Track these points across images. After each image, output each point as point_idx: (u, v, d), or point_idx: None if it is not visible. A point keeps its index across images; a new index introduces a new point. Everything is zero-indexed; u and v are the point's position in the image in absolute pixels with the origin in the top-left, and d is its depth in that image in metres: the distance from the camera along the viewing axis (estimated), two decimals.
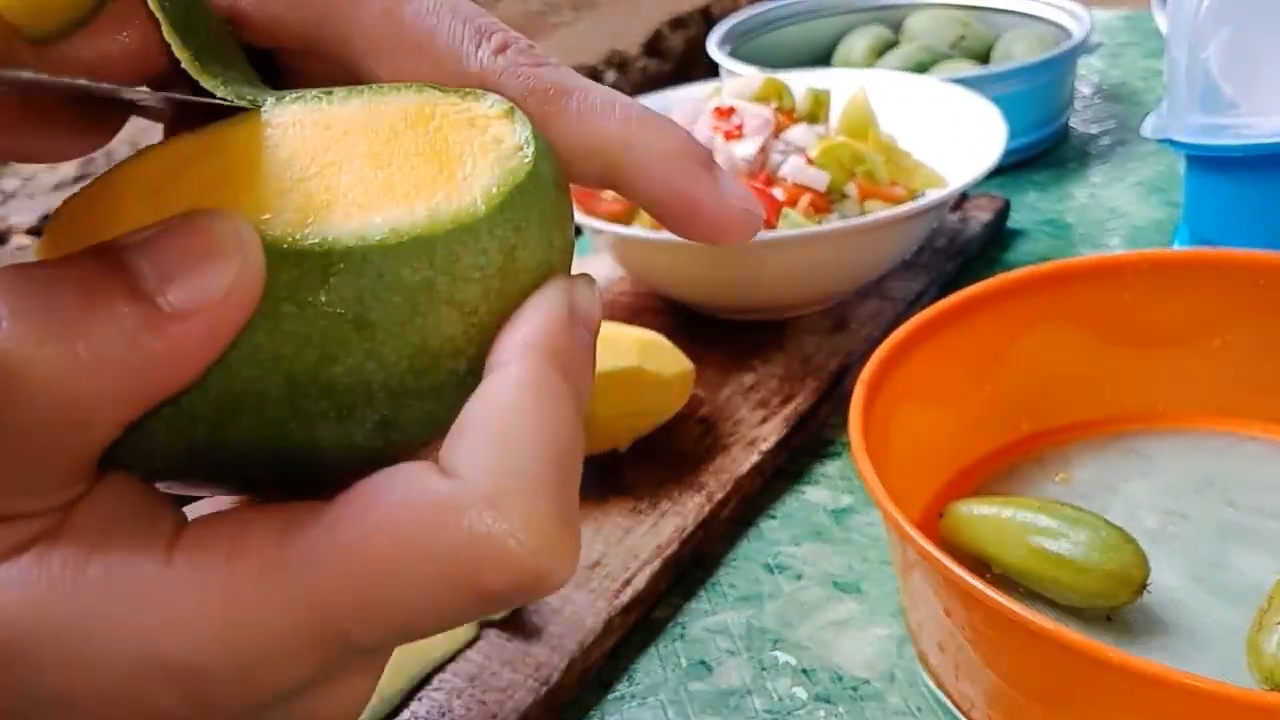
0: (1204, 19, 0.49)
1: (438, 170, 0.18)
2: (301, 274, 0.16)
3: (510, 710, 0.34)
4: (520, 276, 0.18)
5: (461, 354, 0.18)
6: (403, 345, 0.17)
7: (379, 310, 0.17)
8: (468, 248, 0.17)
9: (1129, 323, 0.43)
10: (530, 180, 0.18)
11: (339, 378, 0.17)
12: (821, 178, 0.52)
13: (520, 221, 0.18)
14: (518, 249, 0.18)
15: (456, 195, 0.17)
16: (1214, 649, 0.34)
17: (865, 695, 0.35)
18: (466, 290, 0.17)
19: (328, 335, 0.16)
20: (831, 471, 0.46)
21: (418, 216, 0.17)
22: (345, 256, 0.16)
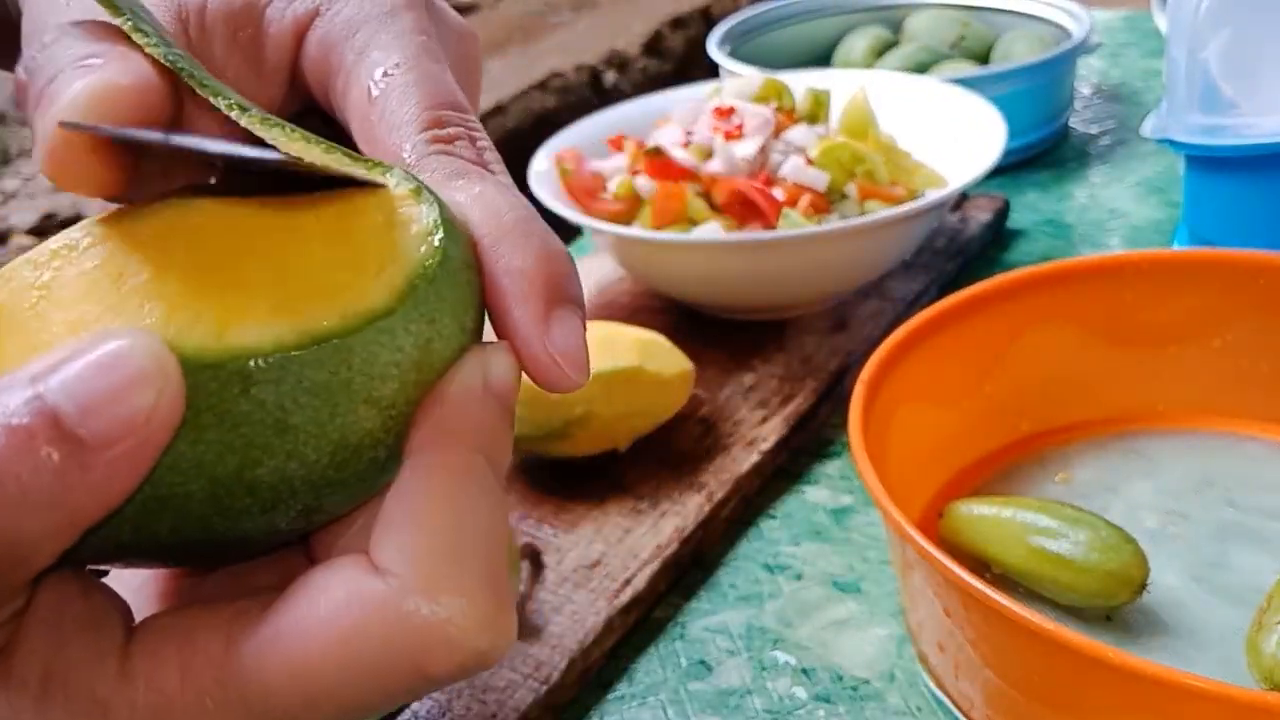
0: (1204, 19, 0.49)
1: (350, 264, 0.18)
2: (221, 385, 0.17)
3: (510, 710, 0.34)
4: (435, 364, 0.18)
5: (381, 444, 0.18)
6: (323, 443, 0.17)
7: (299, 414, 0.17)
8: (383, 346, 0.17)
9: (1129, 323, 0.43)
10: (440, 269, 0.18)
11: (261, 478, 0.17)
12: (821, 178, 0.52)
13: (433, 313, 0.18)
14: (432, 340, 0.18)
15: (369, 293, 0.18)
16: (1214, 649, 0.34)
17: (865, 695, 0.35)
18: (383, 387, 0.18)
19: (249, 441, 0.17)
20: (831, 471, 0.46)
21: (332, 319, 0.17)
22: (263, 367, 0.17)
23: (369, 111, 0.21)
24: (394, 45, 0.22)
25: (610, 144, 0.58)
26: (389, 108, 0.21)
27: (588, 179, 0.56)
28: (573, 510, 0.43)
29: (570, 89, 1.90)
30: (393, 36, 0.22)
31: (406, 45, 0.22)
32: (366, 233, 0.19)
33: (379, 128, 0.21)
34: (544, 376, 0.20)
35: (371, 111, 0.21)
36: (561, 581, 0.39)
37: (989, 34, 0.80)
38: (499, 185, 0.21)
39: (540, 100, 1.84)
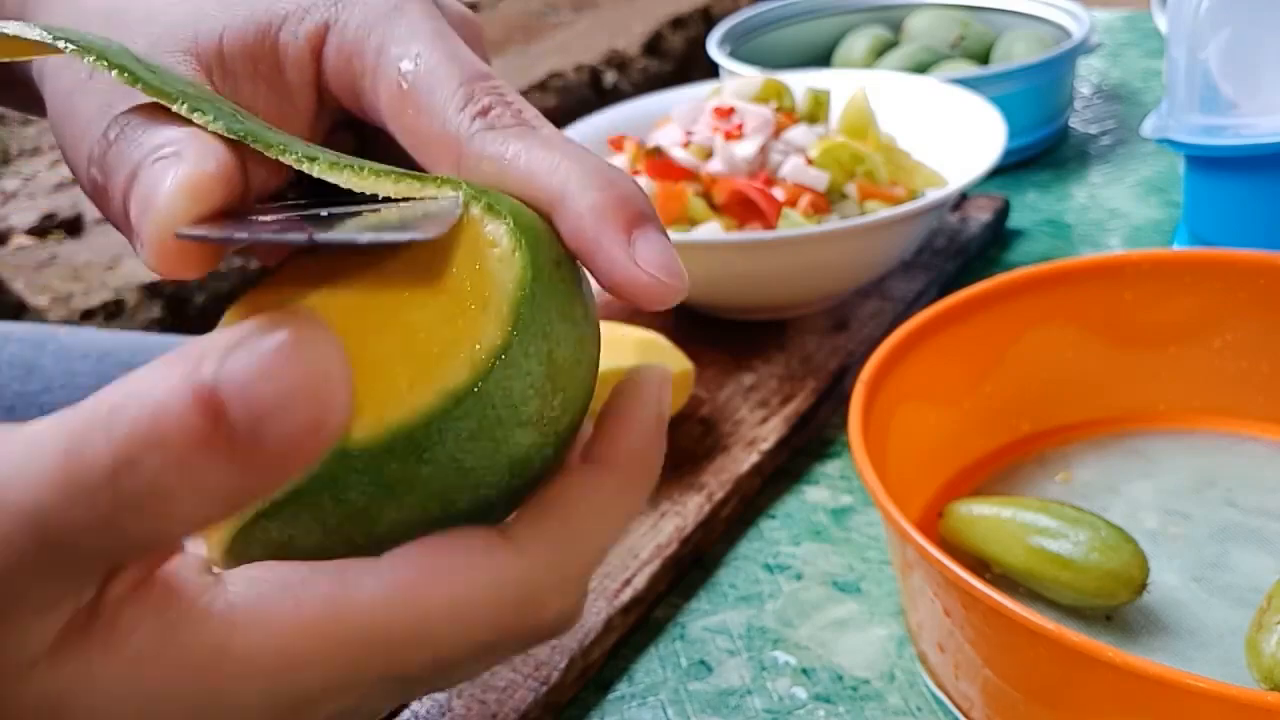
0: (1204, 19, 0.49)
1: (456, 311, 0.19)
2: (400, 462, 0.19)
3: (510, 709, 0.34)
4: (564, 365, 0.20)
5: (547, 445, 0.20)
6: (499, 468, 0.20)
7: (470, 458, 0.19)
8: (513, 377, 0.19)
9: (1129, 323, 0.43)
10: (535, 285, 0.20)
11: (462, 508, 0.20)
12: (821, 178, 0.52)
13: (544, 327, 0.20)
14: (553, 350, 0.20)
15: (485, 332, 0.19)
16: (1214, 649, 0.34)
17: (865, 695, 0.35)
18: (527, 407, 0.20)
19: (443, 490, 0.19)
20: (831, 471, 0.46)
21: (462, 373, 0.19)
22: (425, 435, 0.19)
23: (404, 105, 0.22)
24: (410, 36, 0.23)
25: (610, 144, 0.58)
26: (421, 96, 0.22)
27: None
28: None
29: (570, 89, 1.90)
30: (406, 29, 0.23)
31: (421, 33, 0.23)
32: (460, 272, 0.20)
33: (418, 119, 0.22)
34: (645, 294, 0.21)
35: (406, 104, 0.22)
36: None
37: (989, 34, 0.80)
38: (544, 139, 0.21)
39: (540, 100, 1.84)
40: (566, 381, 0.20)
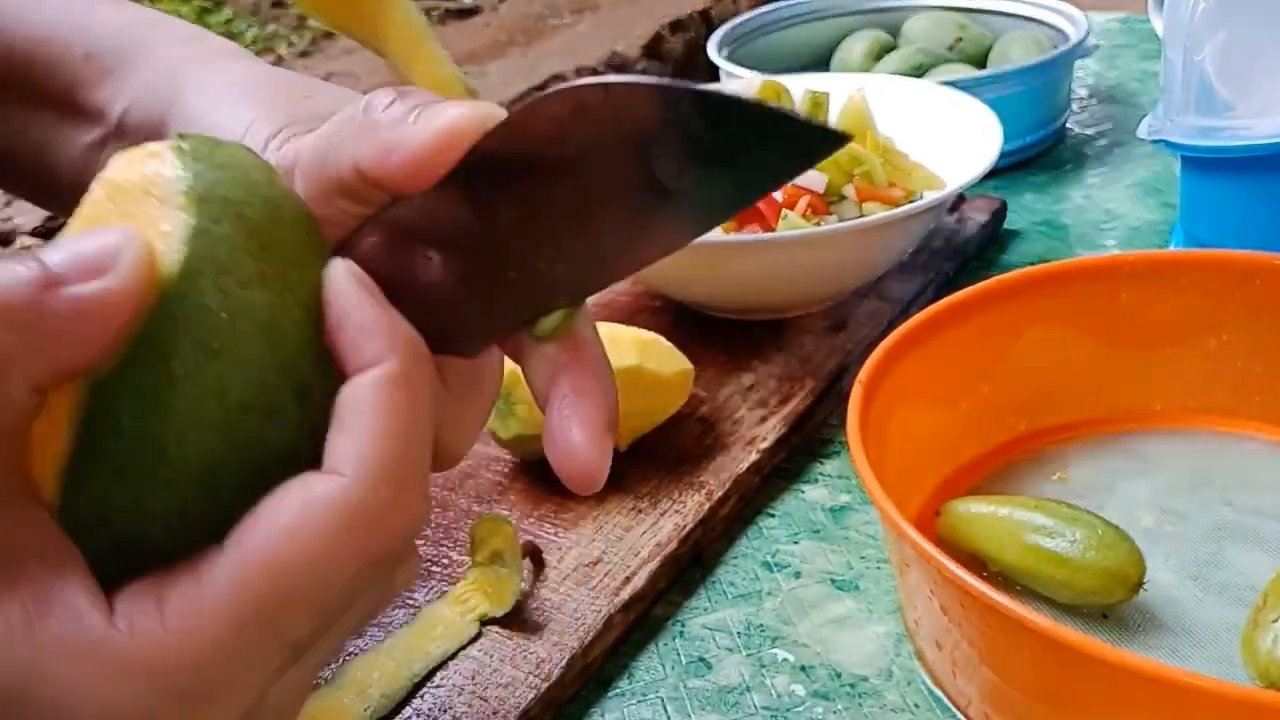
0: (1200, 22, 0.49)
1: (140, 219, 0.20)
2: (154, 366, 0.19)
3: (511, 707, 0.34)
4: (259, 223, 0.21)
5: (290, 305, 0.21)
6: (248, 337, 0.20)
7: (209, 333, 0.20)
8: (210, 245, 0.20)
9: (1125, 323, 0.43)
10: (190, 170, 0.21)
11: (241, 395, 0.20)
12: (820, 179, 0.52)
13: (221, 196, 0.20)
14: (242, 212, 0.21)
15: (165, 219, 0.20)
16: (1210, 647, 0.35)
17: (863, 692, 0.36)
18: (242, 269, 0.20)
19: (204, 379, 0.19)
20: (830, 470, 0.46)
21: (163, 258, 0.20)
22: (158, 329, 0.19)
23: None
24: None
25: None
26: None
27: None
28: (573, 509, 0.43)
29: None
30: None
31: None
32: (134, 188, 0.21)
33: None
34: (580, 481, 0.23)
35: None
36: (562, 580, 0.39)
37: (986, 37, 0.81)
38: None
39: None
40: (272, 236, 0.21)
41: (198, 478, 0.20)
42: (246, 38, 1.94)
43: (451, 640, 0.37)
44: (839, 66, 0.82)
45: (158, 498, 0.20)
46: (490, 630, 0.37)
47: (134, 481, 0.20)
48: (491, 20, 1.95)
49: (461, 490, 0.45)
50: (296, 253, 0.21)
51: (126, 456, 0.19)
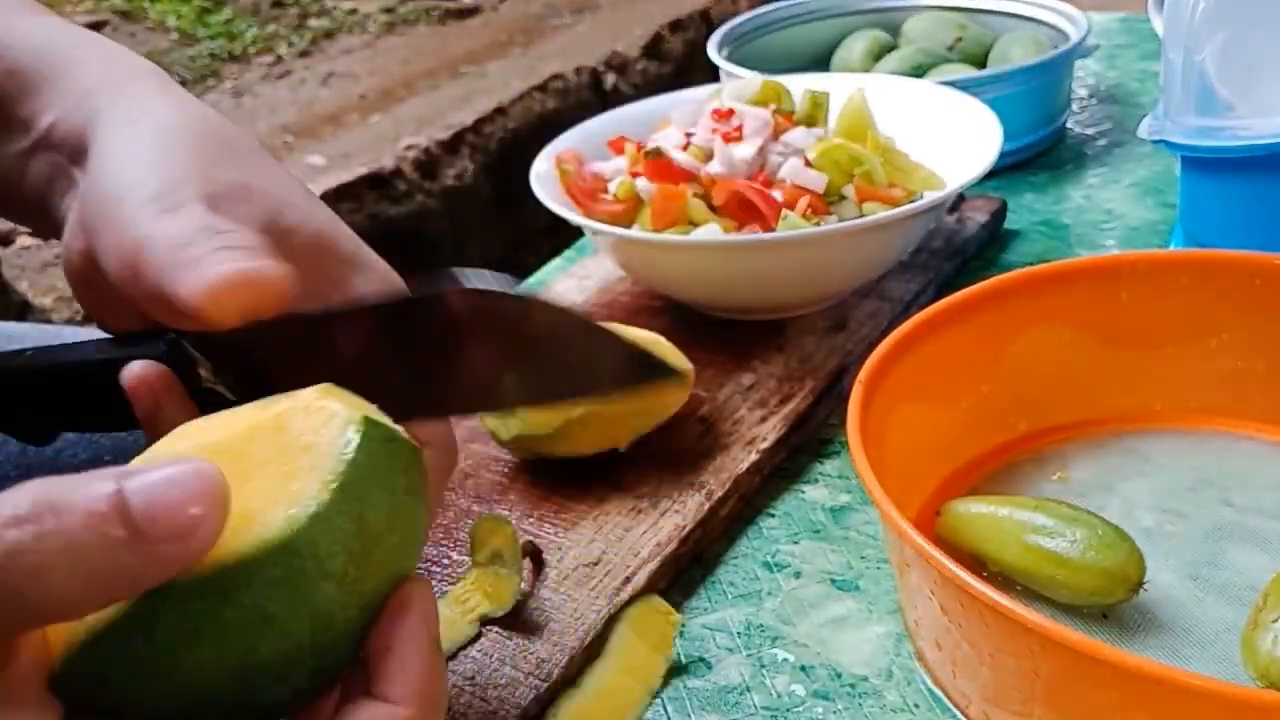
0: (1200, 22, 0.49)
1: (286, 469, 0.23)
2: (206, 602, 0.21)
3: (511, 706, 0.34)
4: (374, 530, 0.23)
5: (351, 604, 0.23)
6: (302, 618, 0.22)
7: (273, 605, 0.21)
8: (322, 533, 0.22)
9: (1125, 323, 0.43)
10: (356, 457, 0.23)
11: (265, 658, 0.22)
12: (820, 180, 0.52)
13: (360, 492, 0.23)
14: (364, 514, 0.23)
15: (304, 490, 0.22)
16: (1210, 647, 0.35)
17: (863, 692, 0.36)
18: (333, 563, 0.22)
19: (245, 634, 0.21)
20: (830, 470, 0.46)
21: (279, 526, 0.22)
22: (233, 578, 0.21)
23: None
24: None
25: (610, 146, 0.59)
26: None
27: (589, 181, 0.57)
28: (574, 509, 0.43)
29: (571, 91, 1.90)
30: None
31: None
32: (298, 441, 0.23)
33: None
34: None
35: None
36: (562, 579, 0.39)
37: (986, 37, 0.81)
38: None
39: (541, 102, 1.84)
40: (375, 545, 0.23)
41: (191, 700, 0.22)
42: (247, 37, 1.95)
43: (452, 640, 0.37)
44: (839, 66, 0.82)
45: (150, 697, 0.22)
46: (490, 630, 0.37)
47: (140, 678, 0.21)
48: (491, 20, 1.95)
49: (462, 490, 0.45)
50: (386, 563, 0.23)
51: (145, 658, 0.21)
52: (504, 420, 0.44)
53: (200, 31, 2.10)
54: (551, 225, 0.57)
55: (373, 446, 0.23)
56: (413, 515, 0.24)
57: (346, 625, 0.23)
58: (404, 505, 0.24)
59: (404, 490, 0.24)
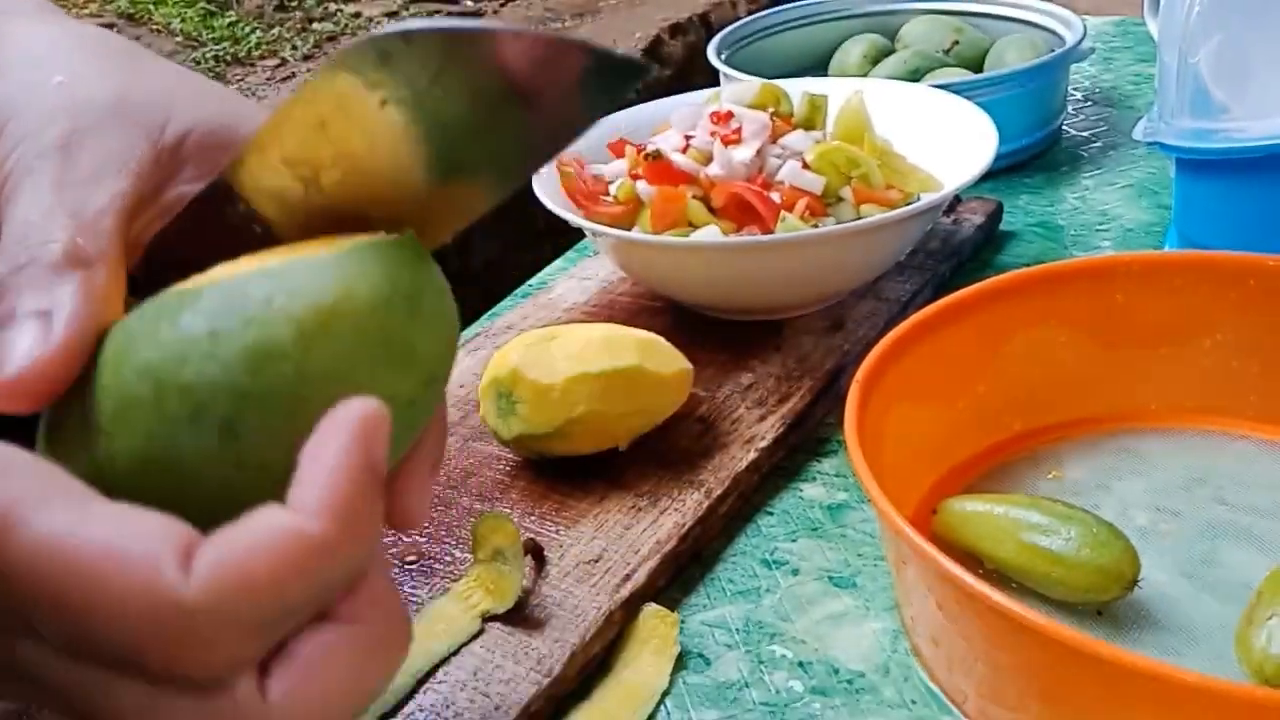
0: (1195, 25, 0.50)
1: (330, 245, 0.23)
2: (178, 301, 0.22)
3: (513, 703, 0.35)
4: (356, 303, 0.22)
5: (288, 358, 0.21)
6: (238, 346, 0.21)
7: (224, 320, 0.21)
8: (306, 275, 0.22)
9: (1121, 323, 0.44)
10: (387, 245, 0.23)
11: (188, 379, 0.21)
12: (818, 182, 0.53)
13: (362, 266, 0.22)
14: (352, 284, 0.22)
15: (323, 250, 0.23)
16: (1204, 644, 0.35)
17: (860, 688, 0.36)
18: (297, 304, 0.22)
19: (184, 346, 0.21)
20: (827, 469, 0.47)
21: (279, 260, 0.22)
22: (211, 286, 0.22)
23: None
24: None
25: (610, 149, 0.59)
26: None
27: (590, 183, 0.57)
28: (574, 507, 0.43)
29: None
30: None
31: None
32: (368, 237, 0.23)
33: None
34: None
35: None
36: (563, 577, 0.40)
37: (983, 40, 0.81)
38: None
39: None
40: (342, 312, 0.22)
41: (124, 468, 0.21)
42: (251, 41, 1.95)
43: (454, 636, 0.37)
44: (837, 70, 0.82)
45: (93, 454, 0.22)
46: (492, 627, 0.38)
47: (82, 439, 0.22)
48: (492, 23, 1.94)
49: (464, 489, 0.46)
50: (337, 353, 0.22)
51: (93, 408, 0.22)
52: (505, 420, 0.44)
53: (205, 35, 2.11)
54: (552, 227, 0.58)
55: (404, 246, 0.23)
56: (403, 325, 0.23)
57: (267, 383, 0.21)
58: (398, 305, 0.23)
59: (406, 291, 0.23)
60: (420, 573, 0.41)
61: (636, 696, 0.36)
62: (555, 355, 0.44)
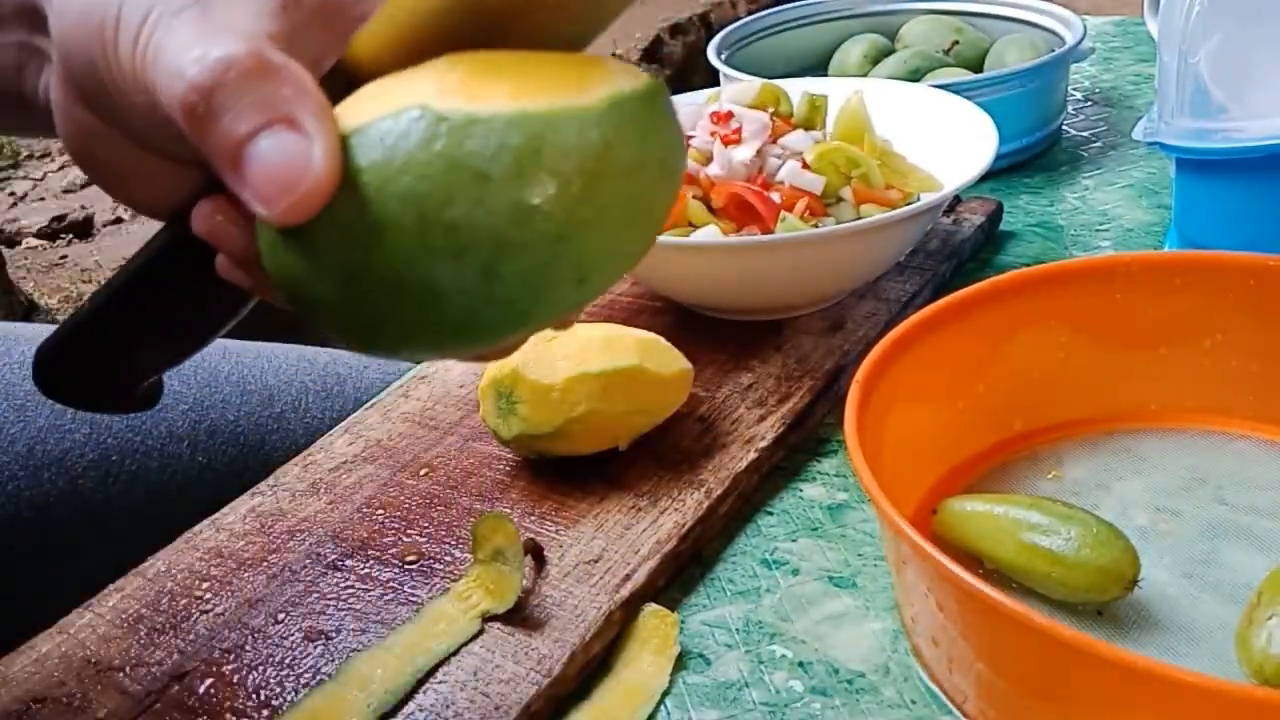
0: (1195, 25, 0.50)
1: (580, 81, 0.23)
2: (449, 134, 0.22)
3: (513, 702, 0.35)
4: (611, 165, 0.22)
5: (552, 218, 0.22)
6: (506, 198, 0.22)
7: (494, 165, 0.21)
8: (571, 131, 0.22)
9: (1120, 323, 0.44)
10: (641, 101, 0.23)
11: (455, 218, 0.22)
12: (818, 182, 0.53)
13: (621, 124, 0.23)
14: (613, 145, 0.22)
15: (580, 96, 0.23)
16: (1204, 644, 0.35)
17: (860, 688, 0.36)
18: (564, 163, 0.22)
19: (453, 182, 0.21)
20: (827, 469, 0.47)
21: (541, 103, 0.22)
22: (480, 124, 0.22)
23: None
24: None
25: None
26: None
27: None
28: (574, 507, 0.43)
29: None
30: None
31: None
32: (601, 69, 0.24)
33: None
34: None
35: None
36: (563, 577, 0.40)
37: (983, 40, 0.81)
38: None
39: None
40: (606, 173, 0.22)
41: (381, 281, 0.22)
42: None
43: (454, 636, 0.37)
44: (837, 70, 0.82)
45: (347, 262, 0.23)
46: (492, 627, 0.38)
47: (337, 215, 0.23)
48: None
49: (463, 488, 0.46)
50: (598, 220, 0.23)
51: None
52: (505, 420, 0.44)
53: None
54: None
55: (656, 109, 0.23)
56: (650, 190, 0.24)
57: (531, 237, 0.22)
58: (640, 166, 0.23)
59: (654, 156, 0.23)
60: (420, 573, 0.41)
61: (636, 696, 0.36)
62: (555, 355, 0.44)
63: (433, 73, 0.23)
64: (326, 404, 0.58)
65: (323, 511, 0.45)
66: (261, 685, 0.37)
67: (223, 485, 0.50)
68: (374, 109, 0.23)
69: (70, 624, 0.40)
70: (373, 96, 0.23)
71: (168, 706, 0.36)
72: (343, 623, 0.39)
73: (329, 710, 0.35)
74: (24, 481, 0.46)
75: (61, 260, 1.41)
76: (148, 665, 0.38)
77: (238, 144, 0.22)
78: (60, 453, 0.46)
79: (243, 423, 0.55)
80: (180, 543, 0.44)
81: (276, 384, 0.58)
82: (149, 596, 0.41)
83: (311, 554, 0.43)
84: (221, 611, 0.40)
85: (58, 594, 0.41)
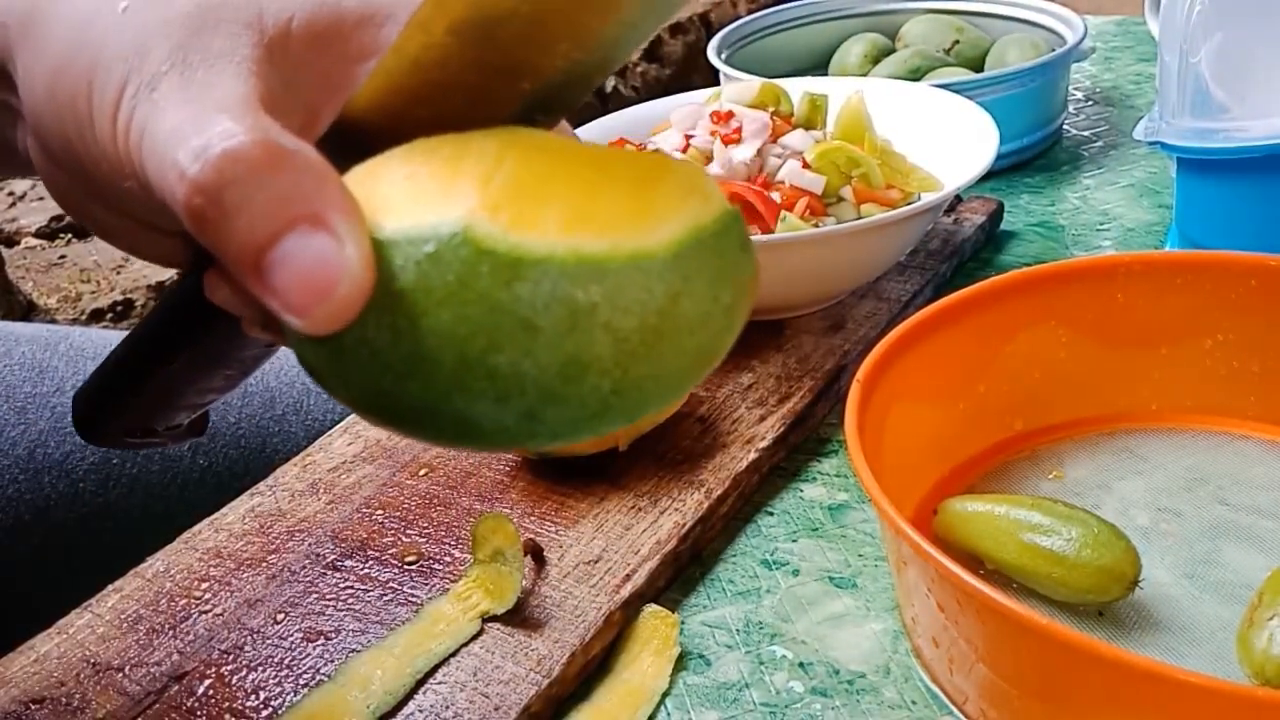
0: (1196, 25, 0.50)
1: (642, 209, 0.20)
2: (491, 272, 0.19)
3: (513, 703, 0.35)
4: (679, 320, 0.20)
5: (608, 374, 0.20)
6: (557, 351, 0.19)
7: (545, 318, 0.19)
8: (634, 283, 0.19)
9: (1121, 323, 0.44)
10: (714, 239, 0.20)
11: (499, 366, 0.19)
12: (818, 181, 0.53)
13: (691, 272, 0.20)
14: (681, 296, 0.20)
15: (642, 234, 0.20)
16: (1205, 644, 0.35)
17: (861, 689, 0.36)
18: (624, 320, 0.19)
19: (498, 327, 0.19)
20: (828, 469, 0.47)
21: (601, 246, 0.19)
22: (530, 266, 0.19)
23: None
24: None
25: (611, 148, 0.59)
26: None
27: None
28: (574, 508, 0.43)
29: None
30: None
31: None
32: (667, 187, 0.20)
33: None
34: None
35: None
36: (563, 577, 0.40)
37: (984, 40, 0.81)
38: None
39: None
40: (669, 330, 0.20)
41: (413, 406, 0.20)
42: None
43: (453, 637, 0.37)
44: (837, 70, 0.82)
45: (379, 382, 0.21)
46: (492, 627, 0.38)
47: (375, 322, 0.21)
48: None
49: (463, 489, 0.46)
50: (662, 364, 0.20)
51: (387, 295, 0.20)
52: None
53: None
54: None
55: (730, 243, 0.21)
56: (715, 339, 0.21)
57: (582, 391, 0.20)
58: (710, 318, 0.21)
59: (725, 310, 0.21)
60: (420, 573, 0.41)
61: (636, 697, 0.36)
62: None
63: (471, 169, 0.20)
64: (328, 406, 0.58)
65: (322, 512, 0.45)
66: (261, 686, 0.37)
67: (224, 488, 0.50)
68: (401, 209, 0.20)
69: (69, 624, 0.40)
70: (395, 182, 0.21)
71: (167, 707, 0.36)
72: (342, 623, 0.39)
73: (328, 711, 0.35)
74: (25, 485, 0.46)
75: (60, 260, 1.41)
76: (147, 666, 0.38)
77: (258, 250, 0.20)
78: (61, 456, 0.46)
79: (244, 425, 0.55)
80: (179, 543, 0.44)
81: (278, 386, 0.58)
82: (148, 597, 0.41)
83: (311, 554, 0.43)
84: (220, 612, 0.40)
85: (58, 597, 0.41)
